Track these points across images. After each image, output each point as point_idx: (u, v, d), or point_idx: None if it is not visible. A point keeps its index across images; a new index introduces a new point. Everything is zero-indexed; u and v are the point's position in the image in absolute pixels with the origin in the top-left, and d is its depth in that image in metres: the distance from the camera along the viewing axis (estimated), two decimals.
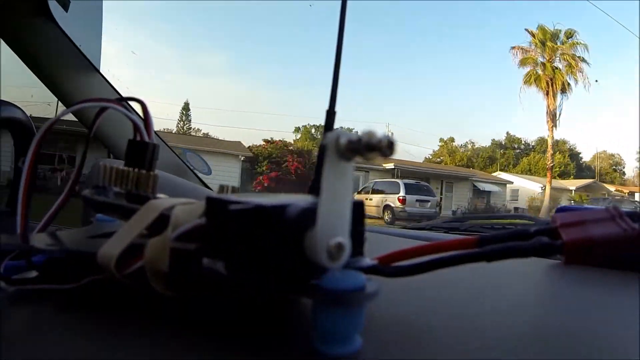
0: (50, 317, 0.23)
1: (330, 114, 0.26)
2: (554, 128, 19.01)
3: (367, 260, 0.21)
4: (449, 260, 0.20)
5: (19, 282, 0.27)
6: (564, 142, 36.64)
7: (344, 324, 0.17)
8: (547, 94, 19.12)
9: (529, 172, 31.37)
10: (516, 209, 18.57)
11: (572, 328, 0.25)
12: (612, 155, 38.59)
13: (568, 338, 0.22)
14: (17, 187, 0.31)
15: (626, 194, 23.58)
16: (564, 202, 19.64)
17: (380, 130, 0.15)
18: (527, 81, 19.63)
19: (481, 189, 19.62)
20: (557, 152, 34.35)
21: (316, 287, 0.17)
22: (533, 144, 38.17)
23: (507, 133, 39.33)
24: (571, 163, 33.80)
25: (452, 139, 37.42)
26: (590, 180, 24.17)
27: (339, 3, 0.27)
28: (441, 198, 17.66)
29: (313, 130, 35.97)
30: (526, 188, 20.97)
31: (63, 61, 0.80)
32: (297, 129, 36.08)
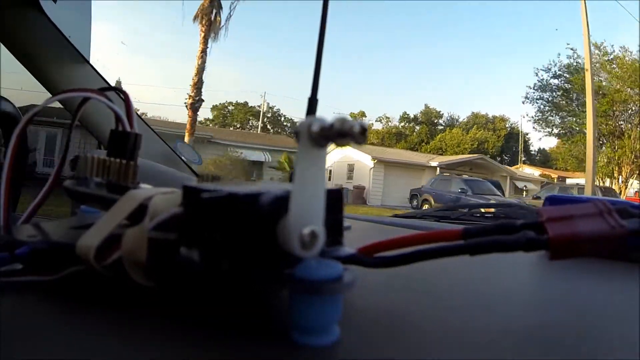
0: (34, 309, 0.23)
1: (312, 101, 0.25)
2: (212, 37, 12.48)
3: (346, 250, 0.21)
4: (431, 253, 0.20)
5: (4, 274, 0.26)
6: (502, 120, 32.71)
7: (320, 314, 0.17)
8: None
9: (440, 150, 27.90)
10: None
11: (559, 318, 0.25)
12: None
13: (553, 328, 0.22)
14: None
15: (554, 179, 20.86)
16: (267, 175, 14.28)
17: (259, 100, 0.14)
18: None
19: (250, 158, 14.54)
20: (483, 128, 30.00)
21: (290, 276, 0.17)
22: (462, 119, 33.76)
23: (425, 106, 34.71)
24: (489, 140, 29.58)
25: (362, 113, 33.20)
26: (474, 156, 20.02)
27: None
28: None
29: (231, 107, 35.02)
30: (363, 163, 16.63)
31: (52, 52, 0.79)
32: (214, 107, 35.20)
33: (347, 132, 0.15)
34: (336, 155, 17.47)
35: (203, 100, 13.32)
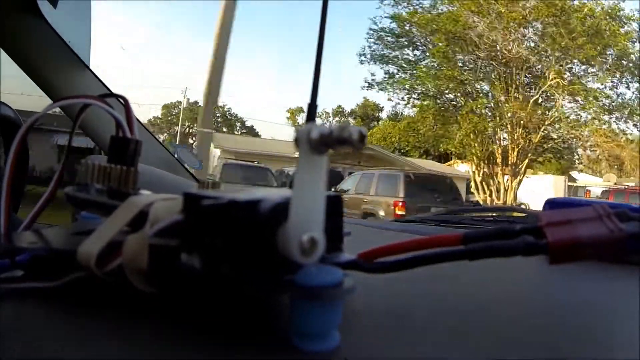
0: (35, 315, 0.23)
1: (312, 107, 0.25)
2: None
3: (346, 256, 0.21)
4: (430, 258, 0.20)
5: (5, 281, 0.26)
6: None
7: (320, 319, 0.17)
8: None
9: (369, 143, 25.80)
10: None
11: (559, 320, 0.25)
12: None
13: (554, 330, 0.22)
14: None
15: (488, 177, 14.63)
16: None
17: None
18: None
19: (60, 143, 10.45)
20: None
21: (290, 282, 0.17)
22: (407, 113, 32.08)
23: (364, 98, 31.47)
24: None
25: (300, 109, 29.69)
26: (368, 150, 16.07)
27: None
28: None
29: (184, 105, 33.71)
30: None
31: (52, 58, 0.80)
32: (165, 106, 34.32)
33: (346, 139, 0.15)
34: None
35: None
